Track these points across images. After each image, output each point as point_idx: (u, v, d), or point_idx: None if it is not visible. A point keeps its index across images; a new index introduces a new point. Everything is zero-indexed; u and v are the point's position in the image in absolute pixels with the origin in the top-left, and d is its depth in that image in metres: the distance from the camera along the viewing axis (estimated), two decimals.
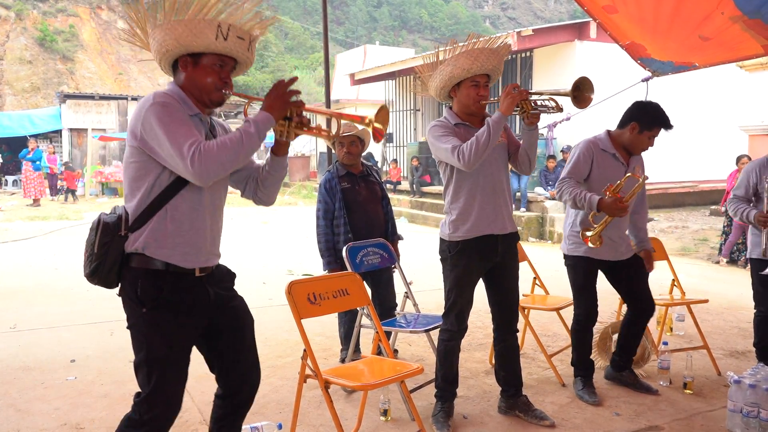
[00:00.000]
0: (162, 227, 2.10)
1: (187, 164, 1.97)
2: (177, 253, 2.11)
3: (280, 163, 2.33)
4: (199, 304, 2.19)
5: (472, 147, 2.92)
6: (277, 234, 11.28)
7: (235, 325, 2.31)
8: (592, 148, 3.55)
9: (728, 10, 3.99)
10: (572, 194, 3.42)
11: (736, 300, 6.11)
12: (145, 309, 2.10)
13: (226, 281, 2.34)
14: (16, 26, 32.79)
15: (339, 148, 4.04)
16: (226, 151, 2.01)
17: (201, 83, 2.16)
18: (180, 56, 2.15)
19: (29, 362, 4.23)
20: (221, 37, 2.09)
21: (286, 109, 2.15)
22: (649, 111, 3.52)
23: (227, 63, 2.18)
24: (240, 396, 2.35)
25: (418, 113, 17.32)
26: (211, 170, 2.00)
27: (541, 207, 11.12)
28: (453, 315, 3.22)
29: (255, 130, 2.07)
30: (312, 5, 59.28)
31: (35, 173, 16.18)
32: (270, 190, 2.38)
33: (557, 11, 65.61)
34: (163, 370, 2.12)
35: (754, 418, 3.09)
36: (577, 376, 3.74)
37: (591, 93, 2.92)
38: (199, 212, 2.16)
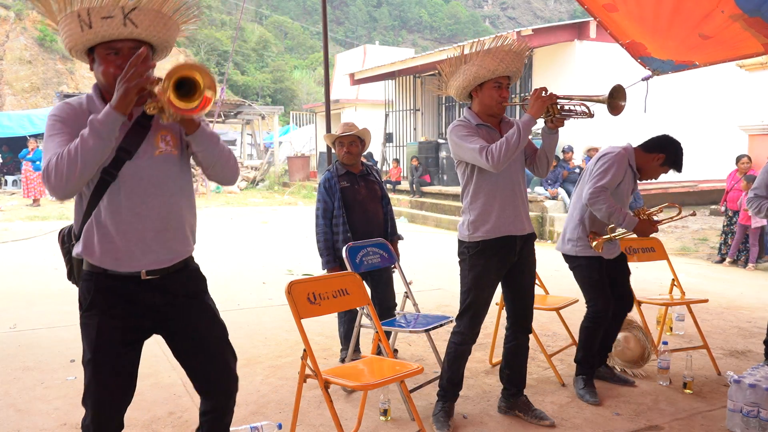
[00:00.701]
0: (89, 236, 2.05)
1: (44, 182, 1.89)
2: (108, 259, 2.05)
3: (197, 140, 2.05)
4: (140, 308, 2.10)
5: (501, 148, 2.91)
6: (277, 234, 11.28)
7: (190, 331, 2.19)
8: (625, 161, 3.61)
9: (728, 9, 3.99)
10: (609, 209, 3.47)
11: (736, 300, 6.11)
12: (81, 311, 2.10)
13: (189, 286, 2.20)
14: (15, 26, 32.79)
15: (339, 147, 4.05)
16: (63, 163, 1.86)
17: (104, 79, 1.99)
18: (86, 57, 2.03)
19: (29, 362, 4.23)
20: (86, 26, 1.90)
21: (129, 96, 1.86)
22: (679, 151, 3.64)
23: (121, 47, 1.95)
24: (212, 402, 2.29)
25: (418, 113, 17.32)
26: (56, 187, 1.87)
27: (541, 207, 11.11)
28: (467, 317, 3.20)
29: (90, 131, 1.86)
30: (312, 5, 59.29)
31: (35, 173, 16.17)
32: (214, 170, 2.15)
33: (557, 11, 65.61)
34: (92, 373, 2.07)
35: (754, 418, 3.09)
36: (579, 375, 3.74)
37: (624, 101, 2.93)
38: (122, 216, 2.03)
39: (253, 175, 21.55)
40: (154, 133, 2.07)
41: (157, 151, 2.07)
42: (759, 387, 3.09)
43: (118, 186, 2.01)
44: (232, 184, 2.31)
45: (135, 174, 2.03)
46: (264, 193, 19.74)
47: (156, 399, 3.55)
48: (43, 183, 1.94)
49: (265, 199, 18.06)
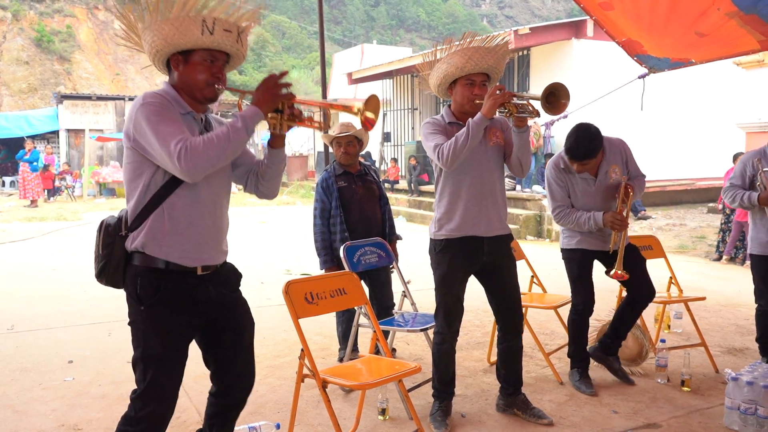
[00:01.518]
0: (159, 226, 2.11)
1: (175, 162, 1.99)
2: (175, 251, 2.13)
3: (278, 155, 2.32)
4: (199, 303, 2.19)
5: (450, 147, 2.93)
6: (275, 233, 11.28)
7: (234, 325, 2.31)
8: (555, 172, 3.66)
9: (724, 6, 4.00)
10: (574, 220, 3.56)
11: (733, 297, 6.12)
12: (143, 306, 2.13)
13: (231, 281, 2.35)
14: (12, 27, 32.72)
15: (336, 147, 4.04)
16: (213, 147, 2.02)
17: (193, 80, 2.16)
18: (171, 55, 2.16)
19: (27, 363, 4.23)
20: (207, 32, 2.09)
21: (276, 102, 2.15)
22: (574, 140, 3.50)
23: (218, 58, 2.17)
24: (232, 396, 2.37)
25: (416, 112, 17.33)
26: (199, 166, 2.01)
27: (539, 205, 11.11)
28: (441, 315, 3.21)
29: (242, 125, 2.07)
30: (309, 4, 59.25)
31: (32, 174, 16.16)
32: (271, 184, 2.39)
33: (554, 9, 65.63)
34: (158, 367, 2.13)
35: (752, 415, 3.10)
36: (574, 368, 3.76)
37: (566, 100, 2.88)
38: (197, 209, 2.16)
39: None
40: None
41: None
42: (756, 384, 3.10)
43: (195, 184, 2.12)
44: (272, 198, 2.49)
45: (210, 173, 2.15)
46: None
47: None
48: (174, 164, 2.00)
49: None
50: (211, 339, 2.30)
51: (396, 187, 15.35)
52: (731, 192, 3.86)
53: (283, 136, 2.29)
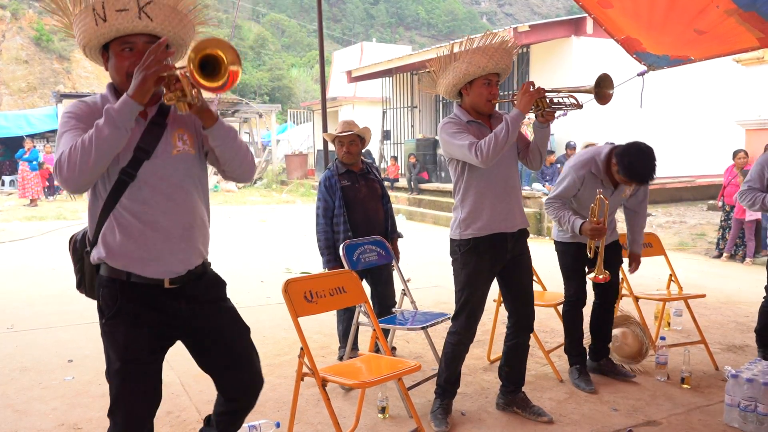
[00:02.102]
0: (112, 237, 1.99)
1: (56, 175, 1.84)
2: (134, 262, 1.99)
3: (215, 134, 2.01)
4: (165, 316, 2.06)
5: (490, 143, 2.91)
6: (275, 232, 11.27)
7: (217, 338, 2.16)
8: (583, 170, 3.58)
9: (723, 4, 3.99)
10: (558, 215, 3.61)
11: (733, 295, 6.12)
12: (104, 319, 2.04)
13: (210, 292, 2.18)
14: (12, 26, 32.70)
15: (339, 146, 4.02)
16: (76, 154, 1.80)
17: (117, 74, 1.98)
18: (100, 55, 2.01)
19: (26, 363, 4.23)
20: (101, 20, 1.88)
21: (146, 83, 1.81)
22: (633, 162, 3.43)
23: (135, 42, 1.93)
24: (239, 401, 2.28)
25: (416, 110, 17.31)
26: (68, 179, 1.82)
27: (539, 203, 11.11)
28: (464, 316, 3.19)
29: (105, 120, 1.81)
30: (308, 2, 59.21)
31: (32, 173, 16.15)
32: (232, 165, 2.10)
33: (554, 7, 65.58)
34: (120, 382, 2.03)
35: (752, 412, 3.10)
36: (573, 365, 3.79)
37: (611, 89, 2.90)
38: (149, 215, 1.99)
39: None
40: (170, 132, 2.04)
41: (174, 150, 2.04)
42: (756, 381, 3.10)
43: (139, 185, 1.98)
44: (248, 181, 2.28)
45: (155, 173, 2.00)
46: (262, 191, 19.73)
47: None
48: (54, 176, 1.84)
49: (263, 198, 18.05)
50: (199, 351, 2.19)
51: (396, 186, 15.34)
52: (750, 195, 3.83)
53: (203, 110, 1.95)
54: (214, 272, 2.24)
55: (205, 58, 1.79)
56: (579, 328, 3.81)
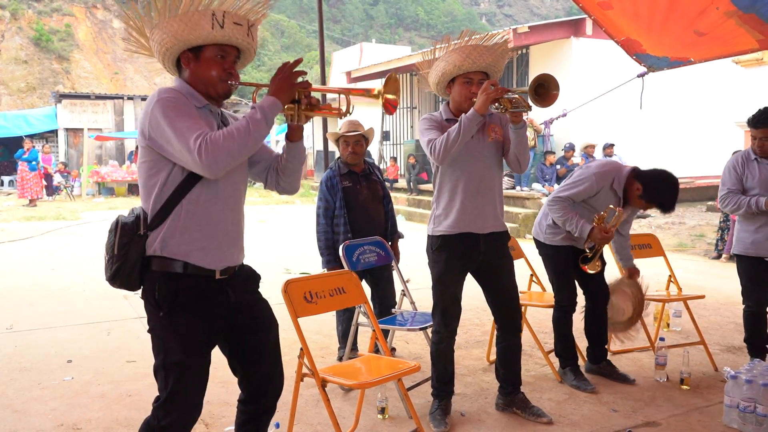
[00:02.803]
0: (178, 224, 2.06)
1: (195, 157, 1.93)
2: (195, 250, 2.07)
3: (297, 148, 2.27)
4: (218, 308, 2.14)
5: (442, 142, 2.94)
6: (275, 232, 11.27)
7: (256, 328, 2.26)
8: (605, 181, 3.56)
9: (723, 6, 4.00)
10: (565, 215, 3.54)
11: (732, 295, 6.12)
12: (162, 313, 2.07)
13: (250, 283, 2.29)
14: (11, 26, 32.69)
15: (344, 146, 4.00)
16: (233, 140, 1.96)
17: (205, 77, 2.11)
18: (181, 53, 2.11)
19: (26, 363, 4.22)
20: (218, 26, 2.04)
21: (292, 90, 2.10)
22: (661, 191, 3.51)
23: (229, 53, 2.12)
24: (263, 401, 2.30)
25: (415, 111, 17.33)
26: (220, 161, 1.95)
27: (538, 204, 11.11)
28: (438, 314, 3.21)
29: (261, 116, 2.01)
30: (308, 3, 59.22)
31: (31, 173, 16.14)
32: (292, 178, 2.32)
33: (553, 8, 65.63)
34: (180, 374, 2.08)
35: (751, 413, 3.10)
36: (566, 367, 3.79)
37: (556, 90, 2.84)
38: (217, 206, 2.11)
39: None
40: None
41: None
42: (755, 382, 3.10)
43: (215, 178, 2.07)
44: (293, 193, 2.44)
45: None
46: (261, 191, 19.72)
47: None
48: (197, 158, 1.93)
49: (262, 198, 18.05)
50: (235, 344, 2.24)
51: (395, 186, 15.35)
52: (733, 199, 3.80)
53: (301, 128, 2.24)
54: (249, 266, 2.34)
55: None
56: (570, 332, 3.82)
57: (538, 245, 3.85)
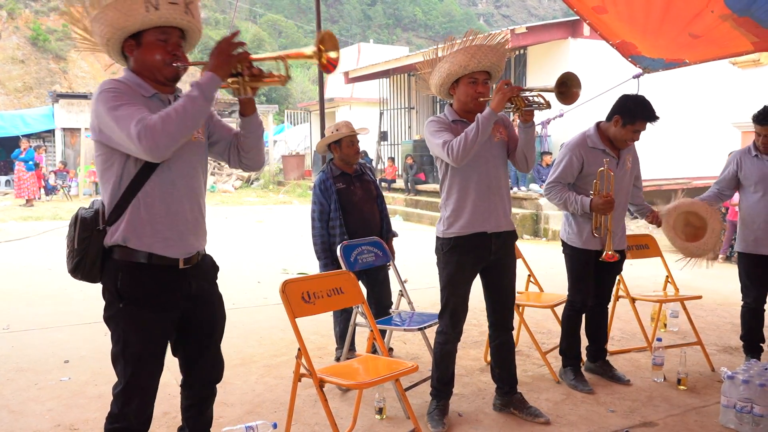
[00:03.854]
0: (138, 216, 2.07)
1: (136, 143, 1.92)
2: (158, 241, 2.09)
3: (251, 122, 2.25)
4: (178, 298, 2.18)
5: (460, 142, 2.93)
6: (272, 233, 11.26)
7: (206, 321, 2.30)
8: (580, 149, 3.58)
9: (718, 9, 4.01)
10: (562, 198, 3.55)
11: (729, 296, 6.14)
12: (123, 304, 2.09)
13: (210, 274, 2.33)
14: (8, 25, 32.61)
15: (348, 146, 4.00)
16: (171, 120, 1.94)
17: (149, 62, 2.09)
18: (123, 41, 2.09)
19: (22, 363, 4.21)
20: (152, 8, 2.00)
21: (230, 63, 2.04)
22: (631, 104, 3.51)
23: (171, 34, 2.09)
24: (202, 388, 2.37)
25: (413, 111, 17.33)
26: (161, 143, 1.94)
27: (536, 204, 11.13)
28: (447, 315, 3.21)
29: (198, 93, 1.98)
30: (306, 3, 59.18)
31: (28, 173, 16.11)
32: (252, 153, 2.31)
33: (551, 9, 65.70)
34: (139, 364, 2.13)
35: (748, 414, 3.11)
36: (567, 366, 3.79)
37: (578, 88, 2.88)
38: (174, 195, 2.11)
39: (248, 175, 21.51)
40: None
41: (193, 137, 2.17)
42: (752, 383, 3.11)
43: (169, 166, 2.08)
44: (259, 169, 2.43)
45: (181, 156, 2.11)
46: (259, 192, 19.73)
47: None
48: (137, 143, 1.93)
49: (260, 198, 18.04)
50: (182, 331, 2.28)
51: (393, 186, 15.35)
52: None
53: (251, 100, 2.20)
54: (210, 256, 2.37)
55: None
56: (578, 331, 3.82)
57: (563, 245, 3.82)
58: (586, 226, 3.60)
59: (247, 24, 52.09)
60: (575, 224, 3.66)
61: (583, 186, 3.59)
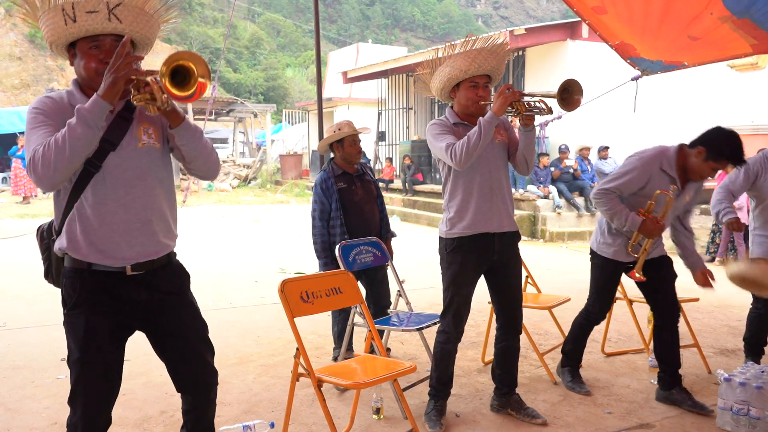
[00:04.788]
0: (72, 229, 2.05)
1: (30, 173, 1.90)
2: (93, 253, 2.05)
3: (181, 133, 2.08)
4: (124, 305, 2.11)
5: (463, 146, 2.94)
6: (270, 232, 11.25)
7: (173, 329, 2.21)
8: (652, 167, 3.34)
9: (717, 11, 4.02)
10: (613, 209, 3.33)
11: (726, 299, 6.15)
12: (66, 310, 2.09)
13: (173, 282, 2.22)
14: (5, 22, 32.53)
15: (350, 146, 4.01)
16: (50, 152, 1.87)
17: (85, 71, 2.03)
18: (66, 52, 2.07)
19: (19, 361, 4.20)
20: (70, 20, 1.94)
21: (117, 84, 1.89)
22: (721, 142, 3.29)
23: (103, 41, 1.99)
24: (193, 396, 2.31)
25: (411, 111, 17.32)
26: (43, 177, 1.88)
27: (533, 206, 11.15)
28: (450, 315, 3.21)
29: (77, 119, 1.87)
30: (304, 3, 59.17)
31: (25, 170, 16.06)
32: (197, 163, 2.18)
33: (549, 10, 65.81)
34: (80, 371, 2.07)
35: (744, 416, 3.12)
36: (565, 367, 3.79)
37: (580, 95, 2.89)
38: (108, 207, 2.04)
39: (246, 174, 21.49)
40: (136, 125, 2.11)
41: (140, 143, 2.10)
42: (749, 385, 3.12)
43: (103, 177, 2.03)
44: (212, 179, 2.35)
45: (119, 165, 2.05)
46: (256, 191, 19.70)
47: (147, 398, 3.54)
48: (28, 175, 1.92)
49: (257, 198, 18.02)
50: (153, 342, 2.25)
51: (391, 187, 15.35)
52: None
53: (171, 111, 2.01)
54: (179, 263, 2.28)
55: (177, 68, 1.89)
56: (586, 338, 3.80)
57: (591, 253, 3.67)
58: (620, 238, 3.48)
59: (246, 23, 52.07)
60: (609, 235, 3.53)
61: (632, 201, 3.40)
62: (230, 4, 44.08)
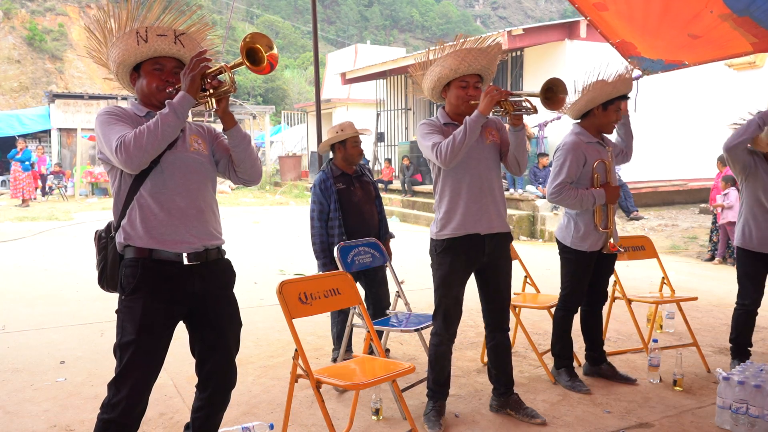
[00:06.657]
0: (132, 218, 2.25)
1: (115, 155, 2.13)
2: (155, 237, 2.23)
3: (233, 136, 2.38)
4: (180, 293, 2.27)
5: (448, 145, 2.95)
6: (269, 234, 11.25)
7: (214, 323, 2.37)
8: (580, 146, 3.56)
9: (717, 9, 4.02)
10: (576, 196, 3.50)
11: (725, 297, 6.16)
12: (124, 296, 2.25)
13: (223, 278, 2.42)
14: (4, 25, 32.51)
15: (351, 146, 4.01)
16: (143, 135, 2.12)
17: (147, 89, 2.33)
18: (129, 75, 2.36)
19: (18, 364, 4.20)
20: (142, 41, 2.26)
21: (196, 80, 2.20)
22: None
23: (165, 65, 2.32)
24: (210, 393, 2.42)
25: (409, 112, 17.32)
26: (134, 156, 2.12)
27: (532, 206, 11.15)
28: (440, 317, 3.21)
29: (169, 110, 2.16)
30: (303, 4, 59.18)
31: (24, 173, 16.06)
32: (244, 167, 2.44)
33: (548, 10, 65.86)
34: (132, 354, 2.20)
35: (743, 414, 3.12)
36: (561, 368, 3.79)
37: (564, 94, 2.91)
38: (166, 195, 2.25)
39: None
40: (187, 134, 2.38)
41: (191, 148, 2.37)
42: (748, 384, 3.12)
43: (161, 169, 2.26)
44: (256, 183, 2.58)
45: (175, 161, 2.29)
46: (255, 192, 19.69)
47: None
48: (115, 157, 2.15)
49: (256, 199, 18.01)
50: (192, 332, 2.39)
51: (389, 188, 15.35)
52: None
53: (229, 114, 2.35)
54: (229, 261, 2.48)
55: (248, 51, 2.15)
56: (570, 332, 3.83)
57: (561, 248, 3.74)
58: (590, 226, 3.59)
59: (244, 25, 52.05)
60: (580, 225, 3.60)
61: (580, 182, 3.58)
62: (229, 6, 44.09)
